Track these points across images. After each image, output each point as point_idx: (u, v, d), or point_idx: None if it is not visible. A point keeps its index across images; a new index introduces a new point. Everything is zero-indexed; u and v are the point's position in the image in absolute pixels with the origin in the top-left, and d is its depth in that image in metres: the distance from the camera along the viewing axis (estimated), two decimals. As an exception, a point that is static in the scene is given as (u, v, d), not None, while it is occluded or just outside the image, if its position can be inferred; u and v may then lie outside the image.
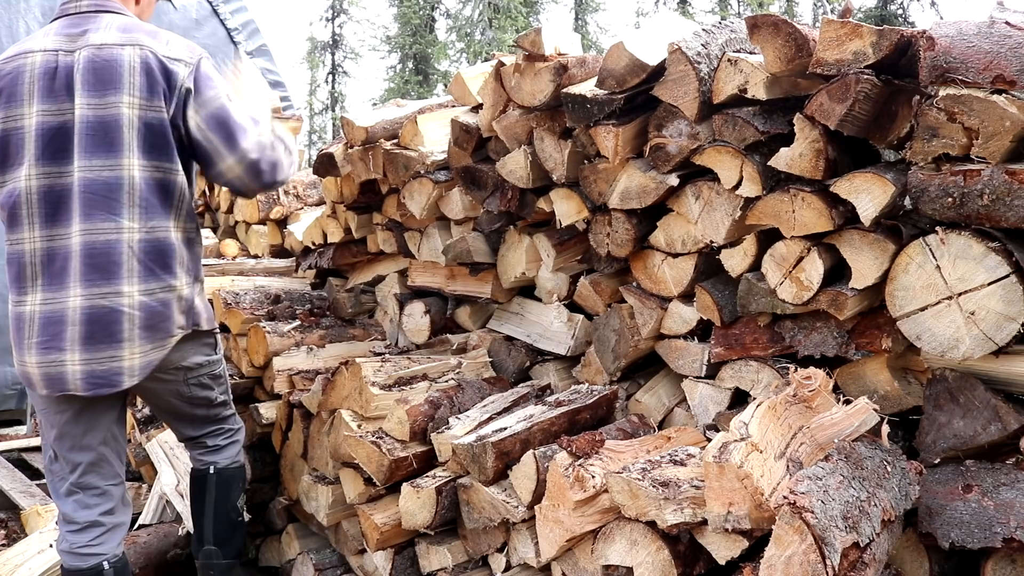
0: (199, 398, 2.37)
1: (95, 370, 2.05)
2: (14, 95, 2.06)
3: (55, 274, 2.05)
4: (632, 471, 1.69)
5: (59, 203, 2.05)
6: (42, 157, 2.05)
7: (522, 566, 2.06)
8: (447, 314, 3.01)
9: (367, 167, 2.97)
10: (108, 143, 2.05)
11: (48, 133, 2.05)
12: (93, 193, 2.04)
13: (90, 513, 2.19)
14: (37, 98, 2.05)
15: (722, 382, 2.15)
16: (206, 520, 2.45)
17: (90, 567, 2.16)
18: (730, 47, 2.08)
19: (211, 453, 2.48)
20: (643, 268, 2.30)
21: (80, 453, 2.18)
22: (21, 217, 2.06)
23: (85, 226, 2.04)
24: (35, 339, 2.05)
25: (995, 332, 1.63)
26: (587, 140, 2.27)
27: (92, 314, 2.04)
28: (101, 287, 2.05)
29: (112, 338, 2.06)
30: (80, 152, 2.04)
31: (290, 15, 47.26)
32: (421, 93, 20.86)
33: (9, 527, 3.56)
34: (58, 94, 2.06)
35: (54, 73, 2.06)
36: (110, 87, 2.06)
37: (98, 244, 2.05)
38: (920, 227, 1.79)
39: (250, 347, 3.07)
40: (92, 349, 2.05)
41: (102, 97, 2.05)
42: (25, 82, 2.06)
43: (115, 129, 2.06)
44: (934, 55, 1.64)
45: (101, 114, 2.05)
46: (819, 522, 1.36)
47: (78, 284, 2.04)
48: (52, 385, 2.07)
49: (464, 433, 2.18)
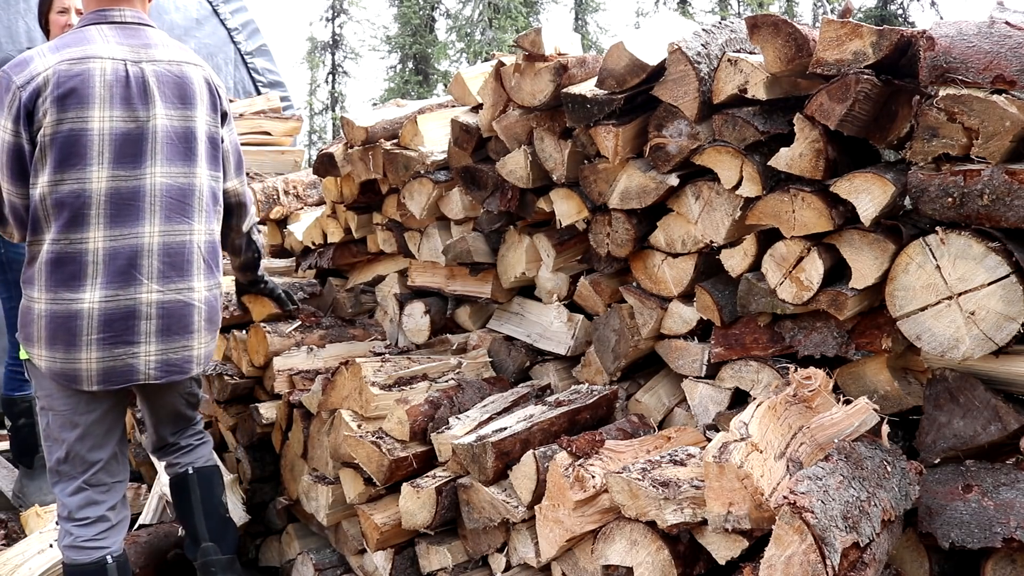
0: (194, 395, 2.51)
1: (170, 359, 2.21)
2: (85, 97, 2.10)
3: (118, 272, 2.13)
4: (632, 471, 1.69)
5: (126, 205, 2.15)
6: (114, 160, 2.13)
7: (522, 566, 2.06)
8: (447, 314, 3.01)
9: (367, 167, 2.97)
10: (185, 152, 2.23)
11: (120, 138, 2.13)
12: (172, 197, 2.21)
13: (98, 509, 2.23)
14: (110, 103, 2.12)
15: (722, 382, 2.15)
16: (197, 519, 2.48)
17: (93, 561, 2.19)
18: (730, 47, 2.08)
19: (186, 454, 2.55)
20: (643, 268, 2.30)
21: (99, 451, 2.24)
22: (87, 217, 2.11)
23: (164, 227, 2.19)
24: (95, 335, 2.11)
25: (995, 332, 1.63)
26: (587, 140, 2.27)
27: (169, 308, 2.20)
28: (177, 283, 2.21)
29: (186, 329, 2.23)
30: (160, 158, 2.19)
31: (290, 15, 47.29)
32: (421, 93, 20.87)
33: (9, 527, 3.56)
34: (132, 102, 2.15)
35: (126, 81, 2.15)
36: (187, 102, 2.24)
37: (175, 244, 2.21)
38: (920, 227, 1.79)
39: (250, 347, 3.07)
40: (168, 340, 2.20)
41: (180, 110, 2.23)
42: (96, 85, 2.11)
43: (192, 140, 2.25)
44: (934, 55, 1.64)
45: (179, 126, 2.23)
46: (819, 522, 1.36)
47: (154, 280, 2.17)
48: (114, 378, 2.15)
49: (464, 433, 2.18)
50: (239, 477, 3.14)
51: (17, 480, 3.68)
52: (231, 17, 6.03)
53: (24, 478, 3.62)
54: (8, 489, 3.73)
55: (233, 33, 6.00)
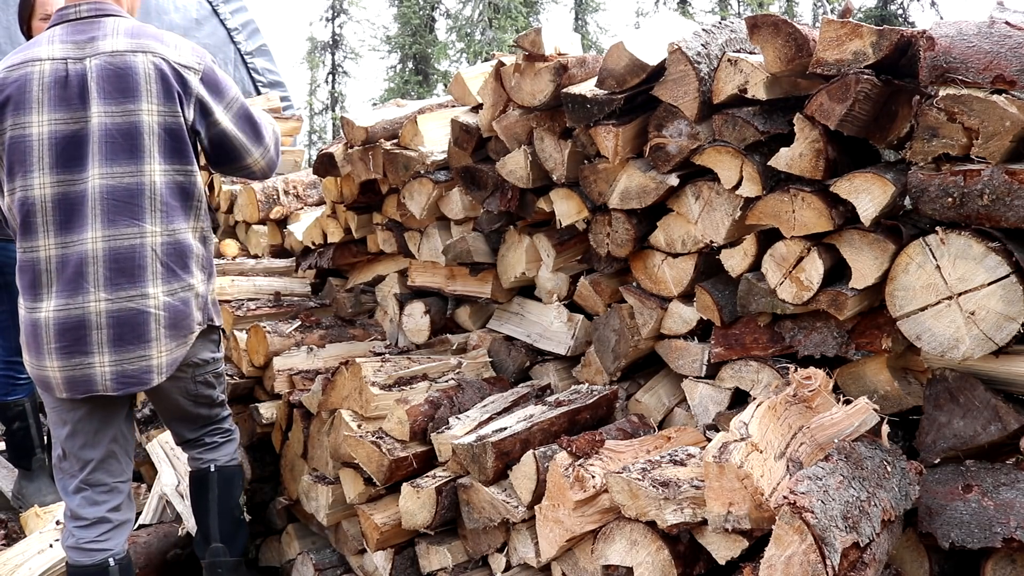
0: (203, 396, 2.43)
1: (126, 370, 2.11)
2: (22, 103, 2.07)
3: (69, 280, 2.07)
4: (632, 471, 1.69)
5: (73, 210, 2.08)
6: (56, 165, 2.07)
7: (522, 566, 2.06)
8: (447, 314, 3.01)
9: (367, 167, 2.97)
10: (129, 150, 2.10)
11: (62, 141, 2.07)
12: (115, 199, 2.09)
13: (98, 510, 2.22)
14: (48, 106, 2.07)
15: (722, 382, 2.15)
16: (211, 518, 2.47)
17: (96, 563, 2.18)
18: (730, 47, 2.08)
19: (210, 451, 2.51)
20: (643, 268, 2.30)
21: (91, 450, 2.21)
22: (36, 225, 2.08)
23: (108, 232, 2.08)
24: (53, 344, 2.07)
25: (995, 332, 1.63)
26: (587, 140, 2.27)
27: (120, 317, 2.09)
28: (128, 290, 2.10)
29: (141, 338, 2.12)
30: (99, 159, 2.08)
31: (290, 15, 47.31)
32: (421, 93, 20.86)
33: (9, 527, 3.56)
34: (71, 102, 2.07)
35: (65, 81, 2.07)
36: (128, 95, 2.10)
37: (122, 249, 2.10)
38: (920, 227, 1.79)
39: (250, 347, 3.07)
40: (122, 350, 2.10)
41: (121, 105, 2.10)
42: (33, 90, 2.07)
43: (136, 136, 2.10)
44: (934, 55, 1.64)
45: (120, 122, 2.09)
46: (819, 522, 1.36)
47: (101, 288, 2.08)
48: (76, 388, 2.10)
49: (464, 433, 2.18)
50: (239, 477, 3.14)
51: (16, 481, 3.68)
52: (231, 17, 6.03)
53: (23, 479, 3.63)
54: (8, 489, 3.74)
55: (233, 33, 6.00)
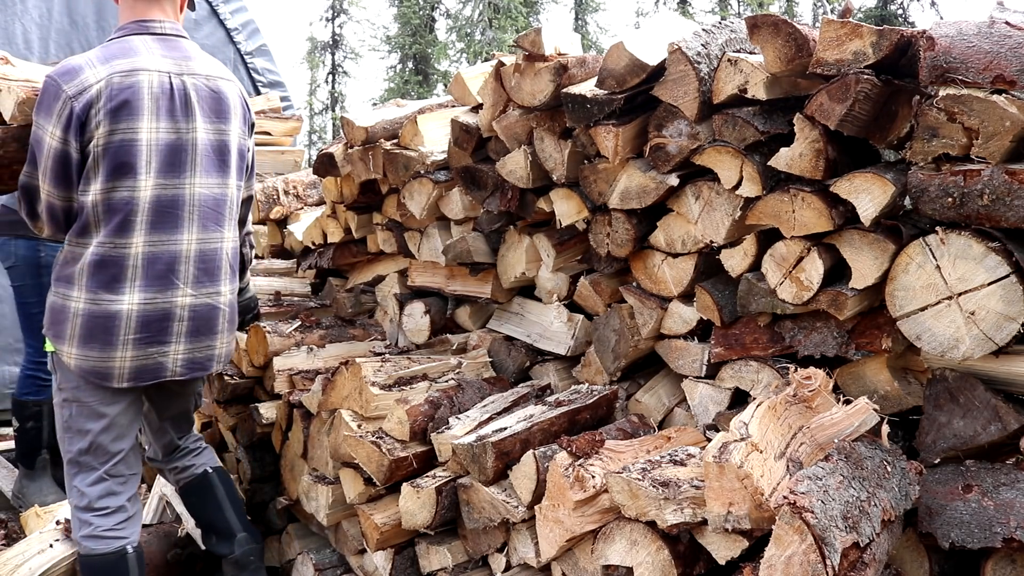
0: (200, 396, 2.62)
1: (195, 357, 2.34)
2: (136, 109, 2.18)
3: (159, 275, 2.24)
4: (632, 471, 1.69)
5: (166, 212, 2.25)
6: (160, 170, 2.23)
7: (522, 566, 2.06)
8: (447, 314, 3.01)
9: (367, 167, 2.97)
10: (220, 165, 2.36)
11: (165, 148, 2.24)
12: (207, 207, 2.33)
13: (118, 499, 2.32)
14: (156, 115, 2.22)
15: (722, 382, 2.15)
16: (227, 513, 2.57)
17: (114, 550, 2.26)
18: (730, 47, 2.08)
19: (197, 456, 2.64)
20: (643, 268, 2.30)
21: (122, 442, 2.33)
22: (133, 223, 2.20)
23: (200, 235, 2.32)
24: (132, 335, 2.22)
25: (995, 332, 1.63)
26: (587, 140, 2.27)
27: (200, 311, 2.33)
28: (208, 288, 2.35)
29: (211, 331, 2.37)
30: (199, 170, 2.30)
31: (290, 15, 47.29)
32: (421, 93, 20.85)
33: (9, 527, 3.56)
34: (175, 114, 2.25)
35: (171, 94, 2.25)
36: (223, 116, 2.36)
37: (208, 251, 2.34)
38: (920, 227, 1.79)
39: (250, 347, 3.07)
40: (195, 340, 2.33)
41: (215, 124, 2.34)
42: (144, 98, 2.20)
43: (227, 153, 2.37)
44: (934, 55, 1.64)
45: (215, 139, 2.34)
46: (819, 522, 1.36)
47: (189, 285, 2.30)
48: (143, 375, 2.26)
49: (464, 433, 2.18)
50: (239, 477, 3.14)
51: (17, 480, 3.68)
52: (231, 17, 6.01)
53: (24, 479, 3.63)
54: (8, 489, 3.74)
55: (233, 33, 5.99)
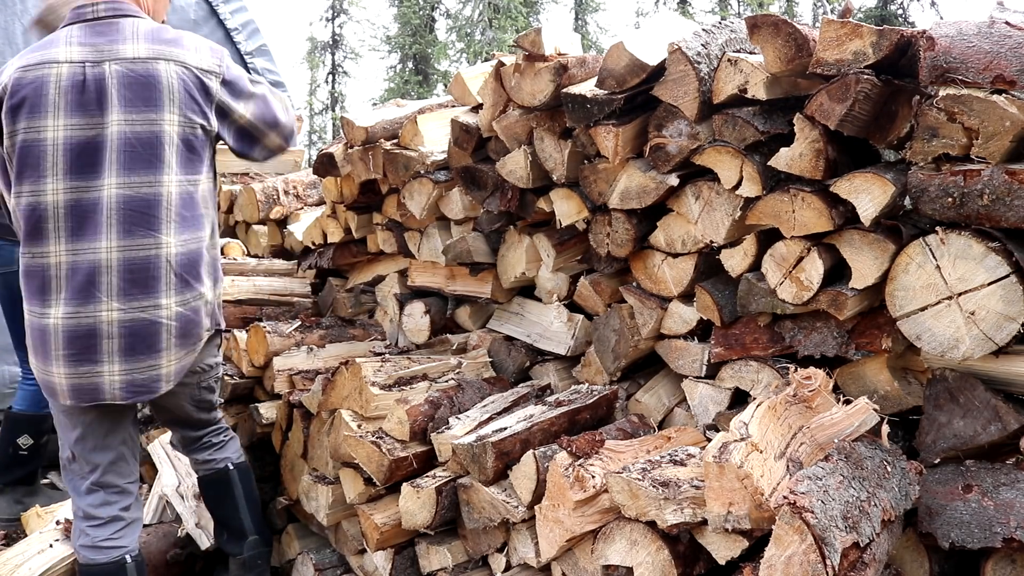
0: (205, 401, 2.45)
1: (136, 379, 2.10)
2: (37, 106, 2.02)
3: (80, 288, 2.04)
4: (632, 471, 1.69)
5: (85, 218, 2.05)
6: (70, 171, 2.04)
7: (522, 566, 2.06)
8: (447, 314, 3.01)
9: (367, 167, 2.97)
10: (148, 160, 2.07)
11: (77, 147, 2.03)
12: (132, 210, 2.06)
13: (111, 509, 2.23)
14: (64, 111, 2.02)
15: (722, 382, 2.15)
16: (242, 513, 2.49)
17: (112, 560, 2.19)
18: (730, 47, 2.08)
19: (220, 450, 2.53)
20: (643, 268, 2.30)
21: (101, 453, 2.21)
22: (46, 231, 2.04)
23: (124, 242, 2.06)
24: (61, 352, 2.06)
25: (995, 332, 1.63)
26: (587, 140, 2.27)
27: (132, 327, 2.07)
28: (141, 301, 2.08)
29: (152, 348, 2.11)
30: (116, 168, 2.05)
31: (290, 15, 47.32)
32: (421, 93, 20.85)
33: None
34: (88, 108, 2.03)
35: (82, 86, 2.03)
36: (151, 104, 2.07)
37: (138, 260, 2.07)
38: (920, 227, 1.79)
39: (250, 347, 3.06)
40: (132, 360, 2.09)
41: (142, 114, 2.06)
42: (50, 93, 2.02)
43: (156, 147, 2.08)
44: (934, 55, 1.64)
45: (141, 131, 2.06)
46: (819, 522, 1.36)
47: (114, 298, 2.05)
48: (82, 396, 2.09)
49: (464, 433, 2.18)
50: (239, 477, 3.14)
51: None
52: (231, 17, 6.01)
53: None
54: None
55: (233, 33, 5.99)
